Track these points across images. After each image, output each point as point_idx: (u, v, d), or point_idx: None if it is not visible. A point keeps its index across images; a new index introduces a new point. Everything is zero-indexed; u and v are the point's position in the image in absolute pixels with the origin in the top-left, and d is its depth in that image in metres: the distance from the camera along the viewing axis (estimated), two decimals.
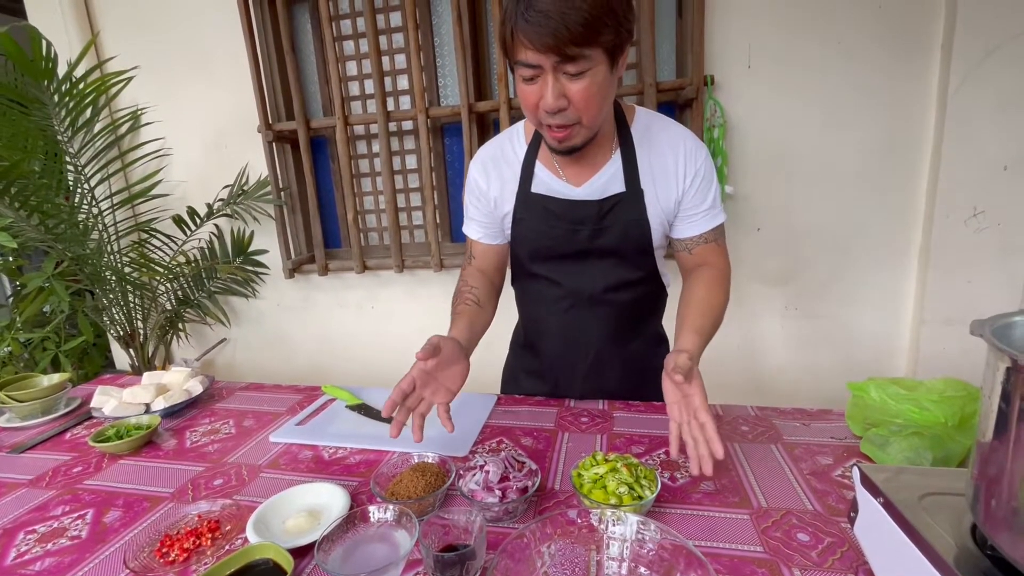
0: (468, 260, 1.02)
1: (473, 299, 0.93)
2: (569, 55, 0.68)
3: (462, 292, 0.94)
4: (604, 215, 0.90)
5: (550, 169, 0.92)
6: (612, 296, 0.97)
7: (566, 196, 0.90)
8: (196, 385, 1.11)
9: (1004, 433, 0.37)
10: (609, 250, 0.93)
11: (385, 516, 0.64)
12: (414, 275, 2.19)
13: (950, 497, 0.49)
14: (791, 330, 1.96)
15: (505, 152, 0.95)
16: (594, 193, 0.90)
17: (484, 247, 1.00)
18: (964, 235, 1.69)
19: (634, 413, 0.97)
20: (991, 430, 0.39)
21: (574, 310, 0.98)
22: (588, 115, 0.76)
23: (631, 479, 0.64)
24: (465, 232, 1.02)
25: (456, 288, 0.97)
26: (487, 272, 1.00)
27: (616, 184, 0.90)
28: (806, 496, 0.69)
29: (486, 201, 0.96)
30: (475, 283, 0.96)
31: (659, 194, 0.90)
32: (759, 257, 1.91)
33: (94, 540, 0.67)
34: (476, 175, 0.97)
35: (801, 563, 0.57)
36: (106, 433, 0.92)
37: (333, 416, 1.01)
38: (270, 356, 2.45)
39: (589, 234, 0.91)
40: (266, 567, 0.58)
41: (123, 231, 2.15)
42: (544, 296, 1.00)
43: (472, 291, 0.94)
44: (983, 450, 0.40)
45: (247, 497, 0.75)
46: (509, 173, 0.94)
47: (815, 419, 0.92)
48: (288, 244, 2.22)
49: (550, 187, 0.91)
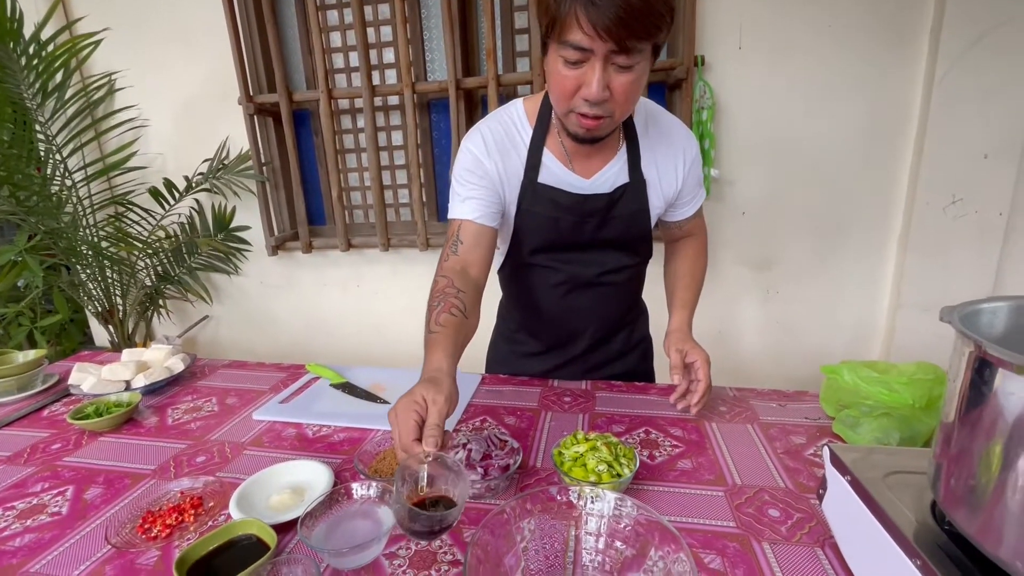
0: (453, 247, 0.86)
1: (460, 308, 0.77)
2: (627, 46, 0.66)
3: (447, 295, 0.78)
4: (611, 207, 0.90)
5: (560, 158, 0.88)
6: (609, 278, 0.98)
7: (576, 189, 0.88)
8: (177, 363, 1.10)
9: (966, 416, 0.39)
10: (612, 240, 0.94)
11: (368, 493, 0.64)
12: (400, 254, 2.17)
13: (913, 476, 0.51)
14: (772, 314, 2.00)
15: (511, 134, 0.88)
16: (603, 186, 0.89)
17: (478, 229, 0.86)
18: (942, 222, 1.72)
19: (616, 393, 0.98)
20: (954, 412, 0.40)
21: (572, 294, 0.99)
22: (623, 109, 0.75)
23: (610, 457, 0.66)
24: (455, 215, 0.88)
25: (437, 285, 0.81)
26: (473, 267, 0.85)
27: (622, 175, 0.90)
28: (779, 474, 0.72)
29: (489, 180, 0.87)
30: (461, 285, 0.80)
31: (662, 184, 0.92)
32: (743, 241, 1.93)
33: (75, 516, 0.67)
34: (478, 153, 0.87)
35: (771, 537, 0.60)
36: (85, 410, 0.91)
37: (317, 394, 1.01)
38: (253, 334, 2.42)
39: (595, 226, 0.91)
40: (249, 543, 0.59)
41: (99, 204, 2.09)
42: (541, 282, 0.99)
43: (459, 296, 0.78)
44: (945, 431, 0.41)
45: (230, 474, 0.76)
46: (515, 158, 0.88)
47: (791, 400, 0.94)
48: (271, 220, 2.19)
49: (559, 178, 0.88)
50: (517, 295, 1.07)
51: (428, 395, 0.62)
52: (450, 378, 0.66)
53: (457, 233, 0.86)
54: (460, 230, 0.86)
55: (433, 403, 0.61)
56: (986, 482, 0.37)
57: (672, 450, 0.78)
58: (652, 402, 0.94)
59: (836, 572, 0.54)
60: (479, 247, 0.86)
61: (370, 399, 0.98)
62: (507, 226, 0.93)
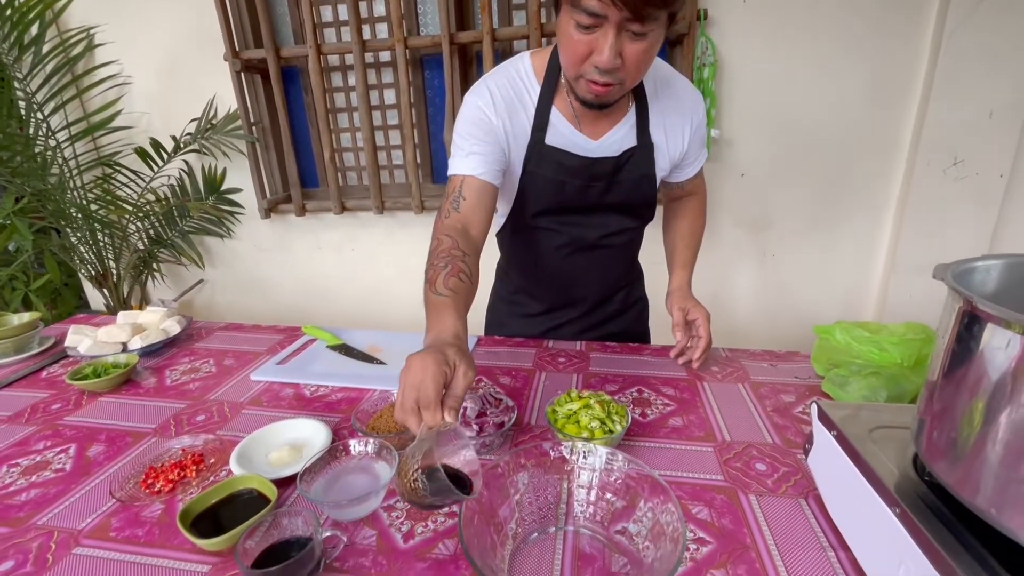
0: (454, 204, 0.82)
1: (467, 273, 0.73)
2: (642, 14, 0.63)
3: (453, 256, 0.73)
4: (618, 171, 0.89)
5: (568, 118, 0.85)
6: (610, 240, 0.97)
7: (583, 152, 0.86)
8: (173, 325, 1.10)
9: (951, 371, 0.39)
10: (616, 204, 0.93)
11: (366, 449, 0.66)
12: (394, 217, 2.15)
13: (897, 430, 0.52)
14: (768, 276, 2.00)
15: (518, 91, 0.85)
16: (611, 149, 0.87)
17: (481, 186, 0.82)
18: (942, 184, 1.71)
19: (610, 354, 1.00)
20: (940, 368, 0.41)
21: (573, 256, 0.98)
22: (634, 77, 0.73)
23: (603, 414, 0.67)
24: (457, 171, 0.83)
25: (441, 244, 0.76)
26: (474, 226, 0.81)
27: (630, 139, 0.88)
28: (767, 431, 0.74)
29: (495, 137, 0.83)
30: (466, 248, 0.76)
31: (668, 147, 0.91)
32: (741, 203, 1.91)
33: (79, 472, 0.69)
34: (485, 108, 0.83)
35: (757, 490, 0.62)
36: (83, 371, 0.92)
37: (314, 356, 1.02)
38: (249, 298, 2.42)
39: (601, 190, 0.90)
40: (251, 496, 0.60)
41: (85, 165, 2.05)
42: (542, 245, 0.98)
43: (465, 260, 0.74)
44: (931, 386, 0.42)
45: (230, 432, 0.77)
46: (522, 117, 0.85)
47: (782, 360, 0.96)
48: (263, 183, 2.15)
49: (568, 140, 0.86)
50: (517, 257, 1.06)
51: (460, 362, 0.57)
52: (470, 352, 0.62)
53: (459, 189, 0.82)
54: (463, 186, 0.82)
55: (464, 375, 0.56)
56: (967, 434, 0.38)
57: (664, 408, 0.80)
58: (645, 362, 0.96)
59: (819, 522, 0.57)
60: (481, 205, 0.82)
61: (367, 360, 0.99)
62: (510, 188, 0.92)
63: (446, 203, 0.83)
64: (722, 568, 0.51)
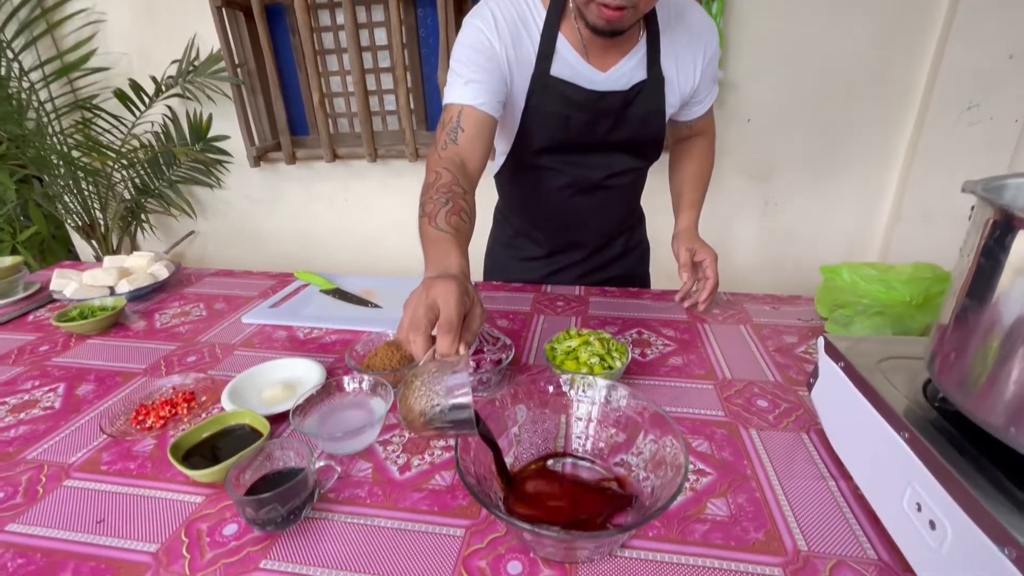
0: (452, 135, 0.76)
1: (467, 213, 0.68)
2: None
3: (455, 193, 0.68)
4: (626, 106, 0.84)
5: (575, 47, 0.79)
6: (614, 181, 0.93)
7: (590, 85, 0.81)
8: (162, 269, 1.07)
9: (976, 288, 0.37)
10: (623, 143, 0.89)
11: (360, 386, 0.65)
12: (388, 165, 2.08)
13: (906, 361, 0.51)
14: (769, 226, 1.97)
15: (523, 15, 0.79)
16: (619, 81, 0.82)
17: (481, 117, 0.76)
18: (955, 129, 1.65)
19: (609, 298, 0.98)
20: (963, 287, 0.38)
21: (576, 197, 0.94)
22: (648, 1, 0.68)
23: (603, 351, 0.65)
24: (455, 99, 0.77)
25: (440, 178, 0.71)
26: (471, 161, 0.76)
27: (640, 71, 0.82)
28: (769, 369, 0.73)
29: (496, 65, 0.78)
30: (465, 185, 0.71)
31: (679, 81, 0.86)
32: (745, 150, 1.85)
33: (68, 410, 0.67)
34: (486, 31, 0.77)
35: (758, 424, 0.61)
36: (70, 314, 0.89)
37: (307, 300, 1.00)
38: (241, 249, 2.38)
39: (608, 128, 0.85)
40: (243, 432, 0.59)
41: (63, 110, 1.96)
42: (544, 185, 0.93)
43: (465, 199, 0.69)
44: (953, 306, 0.40)
45: (221, 372, 0.76)
46: (526, 44, 0.79)
47: (784, 304, 0.94)
48: (251, 129, 2.07)
49: (574, 70, 0.80)
50: (517, 199, 1.02)
51: (477, 299, 0.53)
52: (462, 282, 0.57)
53: (457, 120, 0.77)
54: (461, 116, 0.77)
55: (480, 315, 0.53)
56: (989, 353, 0.36)
57: (664, 348, 0.79)
58: (645, 306, 0.94)
59: (820, 455, 0.56)
60: (480, 139, 0.77)
61: (361, 303, 0.97)
62: (511, 123, 0.86)
63: (442, 134, 0.78)
64: (722, 497, 0.51)
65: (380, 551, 0.46)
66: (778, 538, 0.46)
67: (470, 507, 0.50)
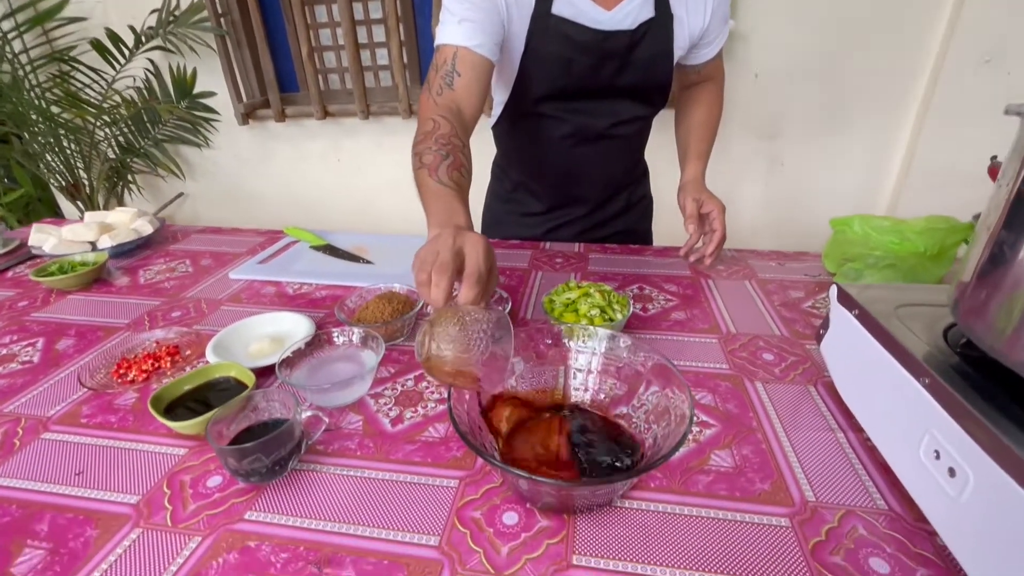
0: (447, 80, 0.71)
1: (466, 167, 0.64)
2: None
3: (454, 146, 0.64)
4: (632, 48, 0.78)
5: None
6: (619, 131, 0.88)
7: (595, 24, 0.75)
8: (145, 225, 1.03)
9: (1016, 221, 0.34)
10: (628, 88, 0.83)
11: (350, 339, 0.62)
12: (381, 123, 2.01)
13: (924, 308, 0.48)
14: (774, 187, 1.91)
15: None
16: (625, 20, 0.76)
17: (477, 60, 0.71)
18: (970, 84, 1.58)
19: (610, 255, 0.94)
20: (1001, 219, 0.35)
21: (578, 148, 0.89)
22: None
23: (603, 303, 0.63)
24: (448, 40, 0.72)
25: (439, 128, 0.66)
26: (467, 109, 0.72)
27: (647, 9, 0.77)
28: (775, 324, 0.70)
29: (492, 3, 0.73)
30: (463, 136, 0.68)
31: (689, 20, 0.80)
32: (753, 107, 1.78)
33: (47, 364, 0.65)
34: None
35: (764, 377, 0.59)
36: (49, 269, 0.86)
37: (297, 255, 0.96)
38: (232, 212, 2.32)
39: (613, 72, 0.80)
40: (228, 385, 0.57)
41: (38, 62, 1.86)
42: (544, 135, 0.88)
43: (464, 152, 0.65)
44: (986, 241, 0.37)
45: (207, 327, 0.73)
46: None
47: (791, 260, 0.91)
48: (237, 85, 1.98)
49: (577, 9, 0.75)
50: (516, 150, 0.97)
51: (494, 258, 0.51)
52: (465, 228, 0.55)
53: (452, 62, 0.72)
54: (456, 59, 0.72)
55: (496, 277, 0.52)
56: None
57: (666, 303, 0.76)
58: (647, 262, 0.91)
59: (828, 407, 0.54)
60: (477, 84, 0.72)
61: (352, 259, 0.94)
62: (509, 69, 0.81)
63: (436, 77, 0.73)
64: (727, 449, 0.49)
65: (371, 502, 0.44)
66: (785, 489, 0.44)
67: (464, 458, 0.48)
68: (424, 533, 0.41)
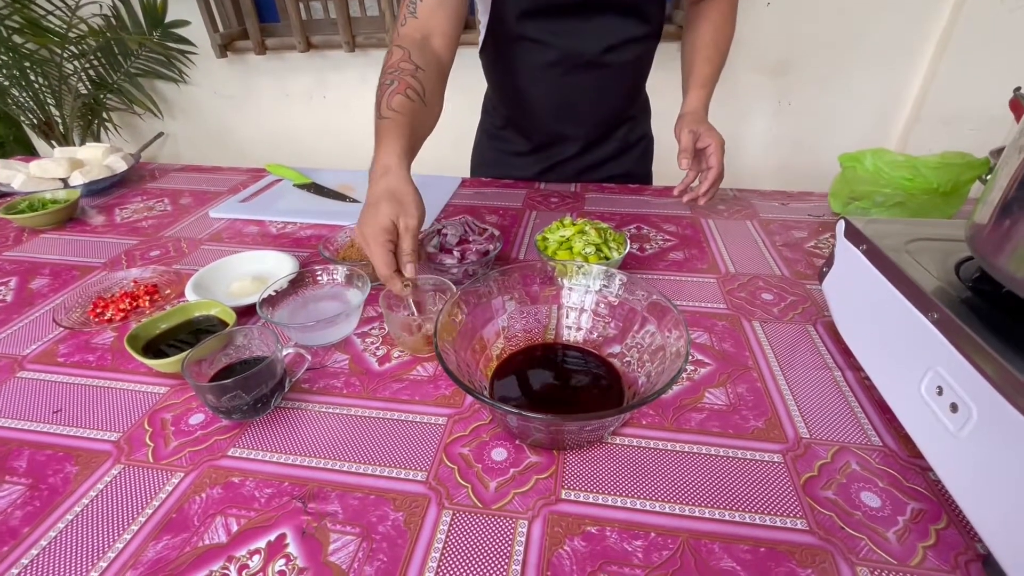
0: (410, 7, 0.67)
1: (417, 90, 0.61)
2: None
3: (402, 71, 0.61)
4: None
5: None
6: (612, 57, 0.81)
7: None
8: (119, 162, 0.98)
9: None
10: (619, 2, 0.76)
11: (335, 277, 0.59)
12: (368, 56, 1.89)
13: (935, 243, 0.46)
14: (781, 128, 1.84)
15: None
16: None
17: None
18: (993, 17, 1.49)
19: (607, 194, 0.91)
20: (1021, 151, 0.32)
21: (567, 77, 0.82)
22: None
23: (599, 240, 0.60)
24: None
25: (391, 58, 0.64)
26: (436, 35, 0.68)
27: None
28: (775, 264, 0.68)
29: None
30: (420, 60, 0.63)
31: None
32: (763, 40, 1.68)
33: (21, 304, 0.62)
34: None
35: (762, 317, 0.57)
36: (18, 206, 0.82)
37: (281, 194, 0.92)
38: (215, 152, 2.23)
39: None
40: (209, 324, 0.55)
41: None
42: (530, 63, 0.82)
43: (416, 76, 0.61)
44: (1015, 168, 0.34)
45: (187, 266, 0.70)
46: None
47: (795, 200, 0.88)
48: (212, 13, 1.85)
49: None
50: (502, 82, 0.90)
51: (399, 220, 0.51)
52: (409, 184, 0.53)
53: None
54: None
55: (406, 230, 0.50)
56: None
57: (664, 243, 0.73)
58: (646, 202, 0.87)
59: (826, 346, 0.53)
60: (443, 7, 0.67)
61: (338, 198, 0.90)
62: None
63: (402, 7, 0.68)
64: (721, 387, 0.48)
65: (357, 439, 0.43)
66: (778, 426, 0.43)
67: (453, 396, 0.47)
68: (411, 469, 0.40)
